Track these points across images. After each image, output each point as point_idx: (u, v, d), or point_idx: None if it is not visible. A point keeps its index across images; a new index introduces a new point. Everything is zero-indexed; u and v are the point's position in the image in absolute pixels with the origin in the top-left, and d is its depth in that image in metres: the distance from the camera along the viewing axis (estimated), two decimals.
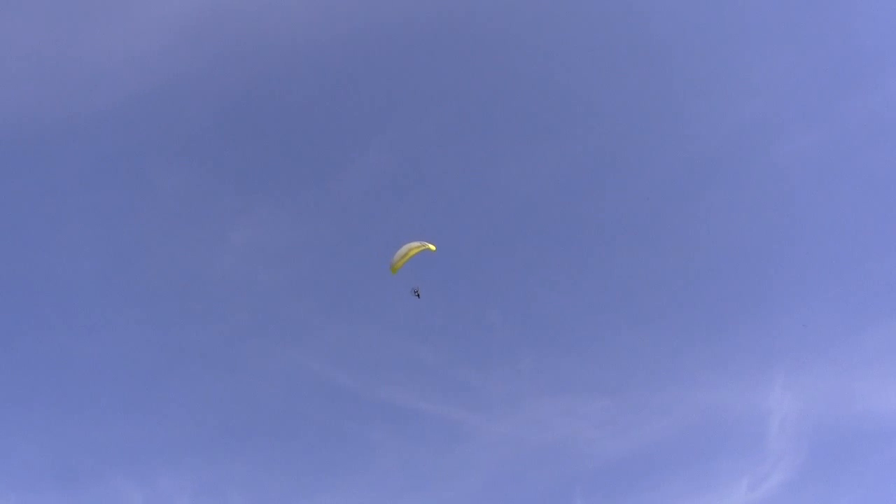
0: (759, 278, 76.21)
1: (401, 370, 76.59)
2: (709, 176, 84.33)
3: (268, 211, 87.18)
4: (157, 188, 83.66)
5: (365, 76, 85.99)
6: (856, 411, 62.61)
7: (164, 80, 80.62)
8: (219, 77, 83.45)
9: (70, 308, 77.05)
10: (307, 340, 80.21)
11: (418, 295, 39.53)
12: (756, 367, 68.48)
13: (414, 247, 38.53)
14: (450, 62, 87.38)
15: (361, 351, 79.08)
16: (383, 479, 69.41)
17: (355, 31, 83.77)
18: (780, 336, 70.53)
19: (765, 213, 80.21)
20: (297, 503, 67.31)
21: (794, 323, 71.06)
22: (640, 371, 73.85)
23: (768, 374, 67.01)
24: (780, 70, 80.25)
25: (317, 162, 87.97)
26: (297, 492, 68.09)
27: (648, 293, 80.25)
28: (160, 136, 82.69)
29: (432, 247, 38.70)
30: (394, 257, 38.71)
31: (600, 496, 64.32)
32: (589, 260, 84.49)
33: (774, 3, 79.21)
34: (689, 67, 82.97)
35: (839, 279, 73.89)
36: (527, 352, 77.66)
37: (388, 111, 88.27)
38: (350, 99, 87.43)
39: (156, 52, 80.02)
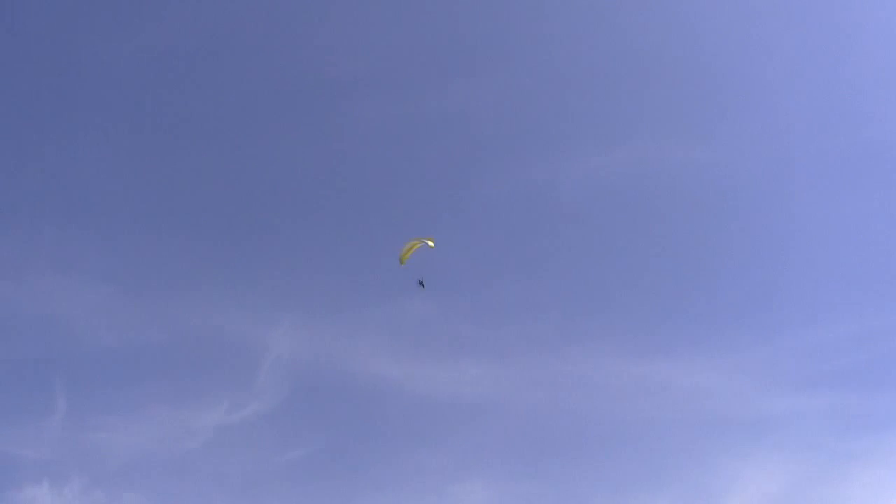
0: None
1: None
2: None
3: None
4: None
5: None
6: (338, 370, 65.62)
7: None
8: None
9: None
10: None
11: (423, 285, 43.75)
12: (269, 303, 69.82)
13: (416, 243, 44.24)
14: None
15: None
16: None
17: None
18: (294, 285, 72.14)
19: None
20: None
21: (305, 277, 72.71)
22: (163, 267, 71.13)
23: (278, 314, 68.71)
24: None
25: None
26: None
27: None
28: None
29: (431, 243, 44.26)
30: (401, 250, 44.16)
31: (82, 384, 62.40)
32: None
33: None
34: None
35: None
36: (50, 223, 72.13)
37: None
38: None
39: None
